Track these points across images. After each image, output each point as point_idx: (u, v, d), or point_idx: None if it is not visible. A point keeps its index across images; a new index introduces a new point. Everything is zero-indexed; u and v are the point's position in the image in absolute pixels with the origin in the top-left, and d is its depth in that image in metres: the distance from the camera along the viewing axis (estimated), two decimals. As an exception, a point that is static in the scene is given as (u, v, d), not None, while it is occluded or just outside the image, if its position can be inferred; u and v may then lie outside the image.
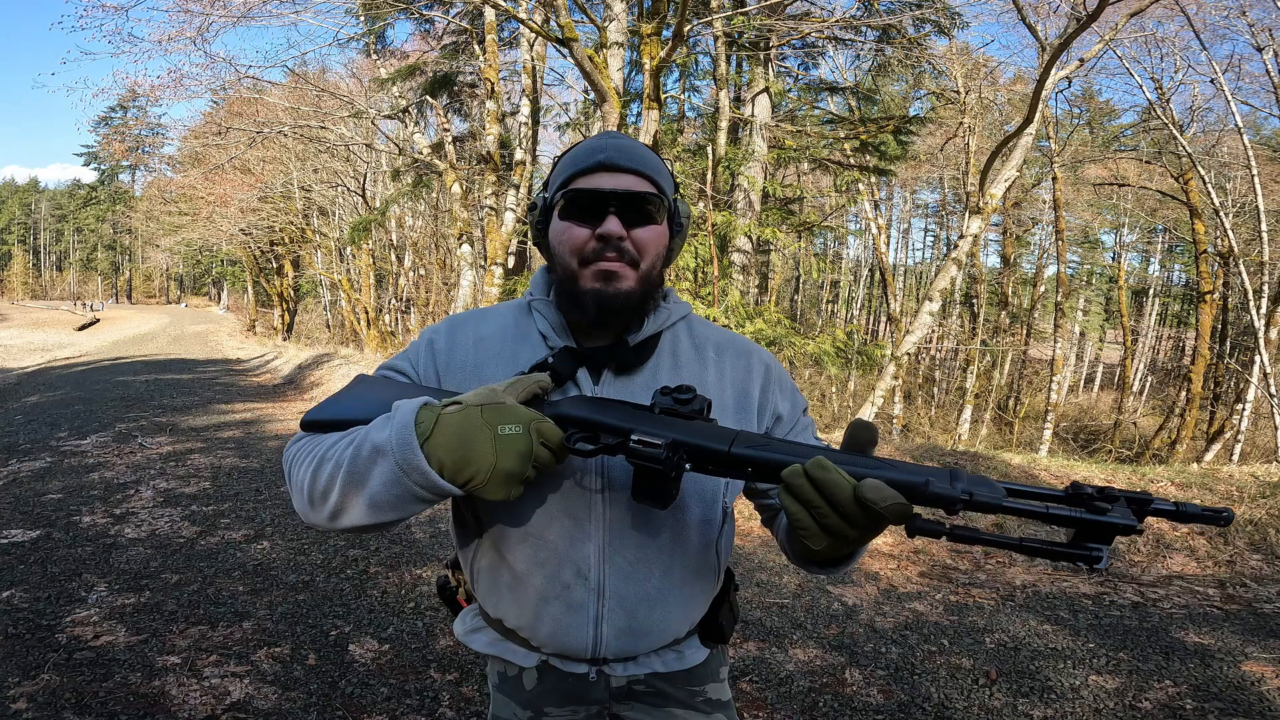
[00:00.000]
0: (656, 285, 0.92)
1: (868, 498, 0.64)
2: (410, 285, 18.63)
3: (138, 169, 50.92)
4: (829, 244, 28.82)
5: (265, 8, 8.28)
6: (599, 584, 0.89)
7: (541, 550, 0.89)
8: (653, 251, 0.88)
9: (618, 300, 0.86)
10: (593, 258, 0.85)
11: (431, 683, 2.47)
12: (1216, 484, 4.53)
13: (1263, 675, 2.60)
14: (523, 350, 0.94)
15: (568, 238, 0.87)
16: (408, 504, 0.74)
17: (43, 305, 46.58)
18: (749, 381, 0.97)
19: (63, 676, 2.37)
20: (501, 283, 8.94)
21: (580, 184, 0.86)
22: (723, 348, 0.99)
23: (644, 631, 0.92)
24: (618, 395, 0.90)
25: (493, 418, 0.72)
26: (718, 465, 0.74)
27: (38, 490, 4.59)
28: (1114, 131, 18.08)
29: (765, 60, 9.26)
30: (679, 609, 0.94)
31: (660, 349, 0.95)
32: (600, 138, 0.89)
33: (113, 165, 54.70)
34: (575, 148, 0.91)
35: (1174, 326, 28.73)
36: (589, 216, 0.85)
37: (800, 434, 1.00)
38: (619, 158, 0.86)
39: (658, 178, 0.88)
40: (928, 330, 10.11)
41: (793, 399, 1.00)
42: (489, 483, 0.72)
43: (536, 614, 0.91)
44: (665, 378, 0.93)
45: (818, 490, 0.67)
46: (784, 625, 3.00)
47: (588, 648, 0.91)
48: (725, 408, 0.95)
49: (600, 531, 0.89)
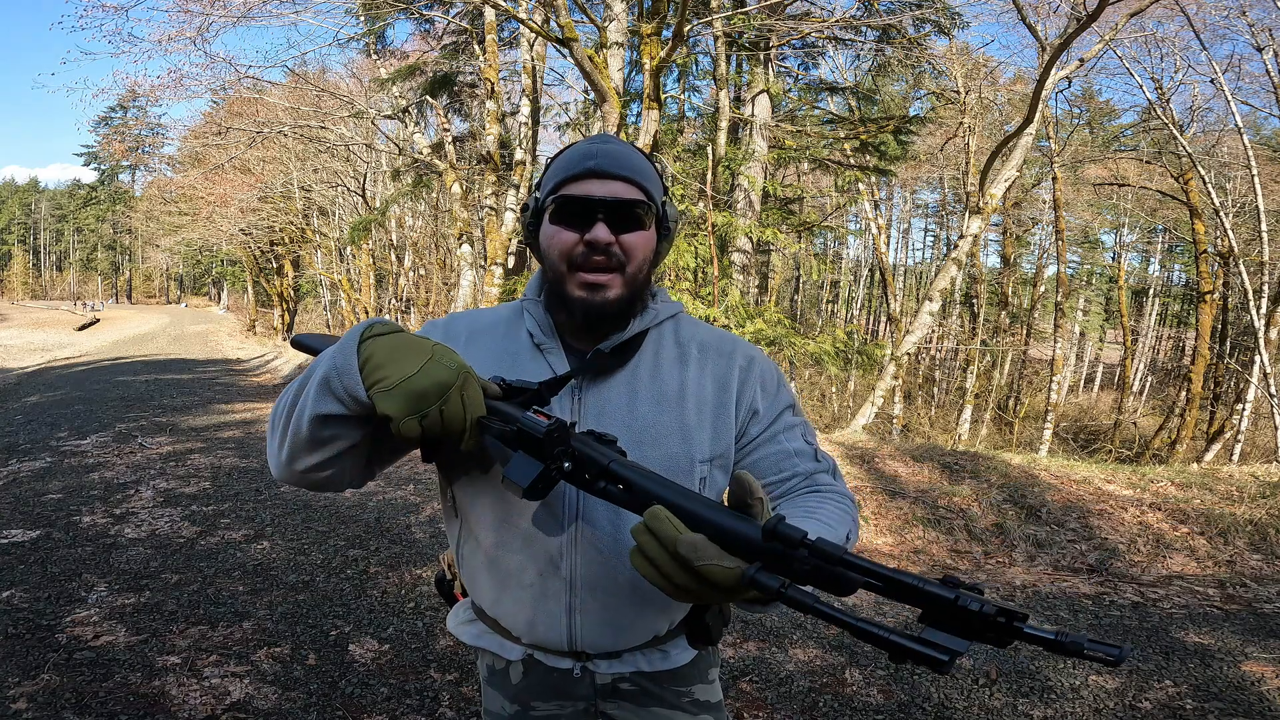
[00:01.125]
0: (643, 288, 0.93)
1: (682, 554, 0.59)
2: (410, 285, 18.64)
3: (138, 169, 50.90)
4: (829, 244, 28.82)
5: (265, 8, 8.29)
6: (570, 574, 0.90)
7: (515, 537, 0.91)
8: (640, 256, 0.89)
9: (604, 308, 0.88)
10: (581, 263, 0.87)
11: (431, 683, 2.47)
12: (1216, 484, 4.53)
13: (1263, 675, 2.60)
14: (511, 348, 0.96)
15: (557, 242, 0.88)
16: (327, 402, 0.74)
17: (43, 305, 46.59)
18: (728, 376, 0.96)
19: (63, 676, 2.37)
20: (501, 283, 8.94)
21: (570, 190, 0.88)
22: (706, 346, 0.99)
23: (620, 626, 0.92)
24: (596, 396, 0.92)
25: (439, 352, 0.73)
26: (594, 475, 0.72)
27: (38, 490, 4.59)
28: (1114, 131, 18.09)
29: (765, 60, 9.26)
30: (654, 605, 0.93)
31: (643, 348, 0.95)
32: (591, 142, 0.90)
33: (113, 165, 54.68)
34: (567, 151, 0.92)
35: (1174, 326, 28.74)
36: (578, 222, 0.87)
37: (783, 434, 0.97)
38: (609, 164, 0.87)
39: (646, 183, 0.90)
40: (928, 330, 10.12)
41: (775, 396, 0.98)
42: (395, 390, 0.70)
43: (514, 602, 0.93)
44: (645, 376, 0.94)
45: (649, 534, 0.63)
46: (784, 625, 3.00)
47: (564, 639, 0.92)
48: (705, 404, 0.94)
49: (573, 520, 0.89)
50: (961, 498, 4.51)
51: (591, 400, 0.92)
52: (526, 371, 0.92)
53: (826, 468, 0.97)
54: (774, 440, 0.96)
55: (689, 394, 0.94)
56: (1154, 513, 4.28)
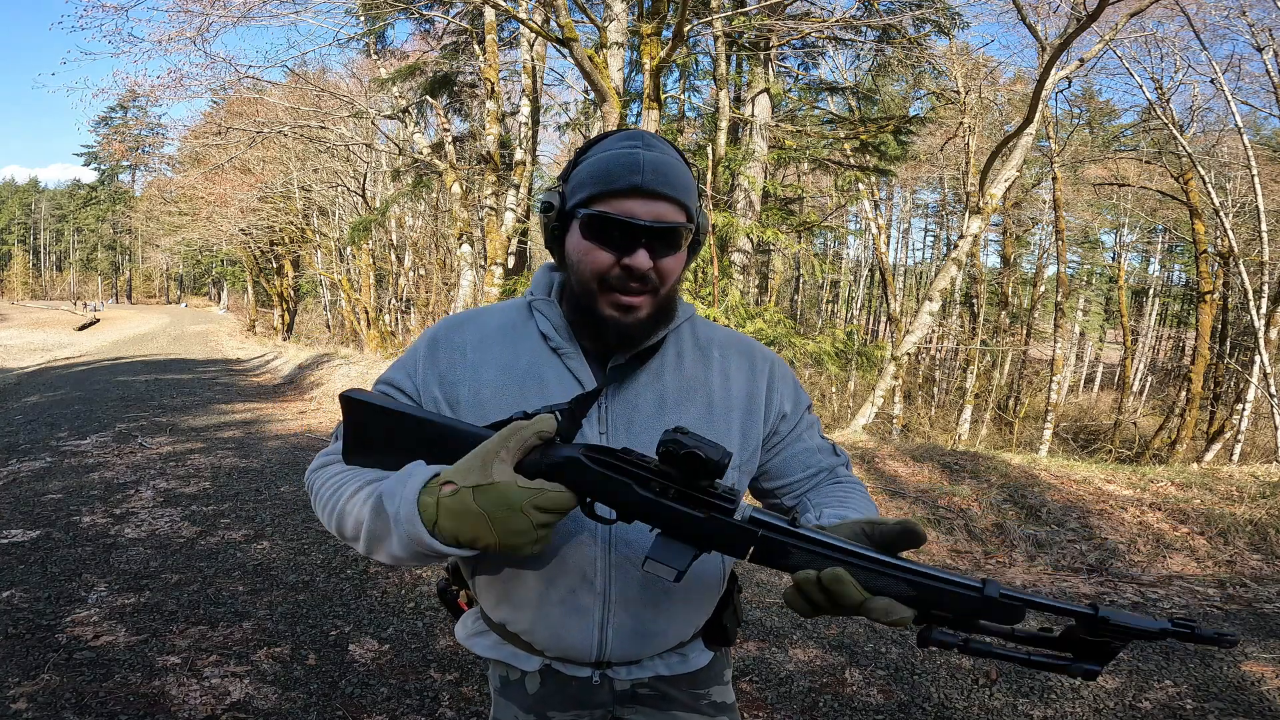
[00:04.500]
0: (671, 303, 0.91)
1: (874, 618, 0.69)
2: (410, 285, 18.64)
3: (138, 169, 50.91)
4: (829, 244, 28.81)
5: (265, 8, 8.29)
6: (605, 588, 0.88)
7: (546, 555, 0.88)
8: (674, 278, 0.87)
9: (636, 329, 0.86)
10: (616, 286, 0.83)
11: (431, 683, 2.47)
12: (1216, 484, 4.53)
13: (1263, 675, 2.60)
14: (522, 350, 0.93)
15: (590, 260, 0.83)
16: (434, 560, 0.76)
17: (43, 305, 46.60)
18: (755, 382, 0.97)
19: (63, 676, 2.37)
20: (501, 283, 8.95)
21: (610, 207, 0.81)
22: (726, 347, 0.99)
23: (649, 634, 0.91)
24: (624, 405, 0.90)
25: (485, 502, 0.70)
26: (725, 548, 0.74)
27: (38, 490, 4.59)
28: (1114, 131, 18.08)
29: (765, 60, 9.26)
30: (684, 612, 0.93)
31: (664, 349, 0.94)
32: (635, 146, 0.83)
33: (113, 165, 54.67)
34: (607, 151, 0.84)
35: (1174, 326, 28.72)
36: (616, 244, 0.82)
37: (805, 432, 1.00)
38: (655, 182, 0.81)
39: (689, 201, 0.85)
40: (928, 330, 10.11)
41: (795, 396, 1.01)
42: (502, 549, 0.72)
43: (542, 619, 0.90)
44: (670, 381, 0.93)
45: (825, 594, 0.70)
46: (784, 625, 3.00)
47: (592, 651, 0.90)
48: (733, 408, 0.94)
49: (605, 536, 0.88)
50: (961, 498, 4.51)
51: (620, 410, 0.90)
52: (547, 378, 0.90)
53: (844, 461, 1.02)
54: (799, 439, 0.99)
55: (715, 398, 0.94)
56: (1154, 513, 4.28)
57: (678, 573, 0.72)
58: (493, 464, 0.72)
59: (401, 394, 0.94)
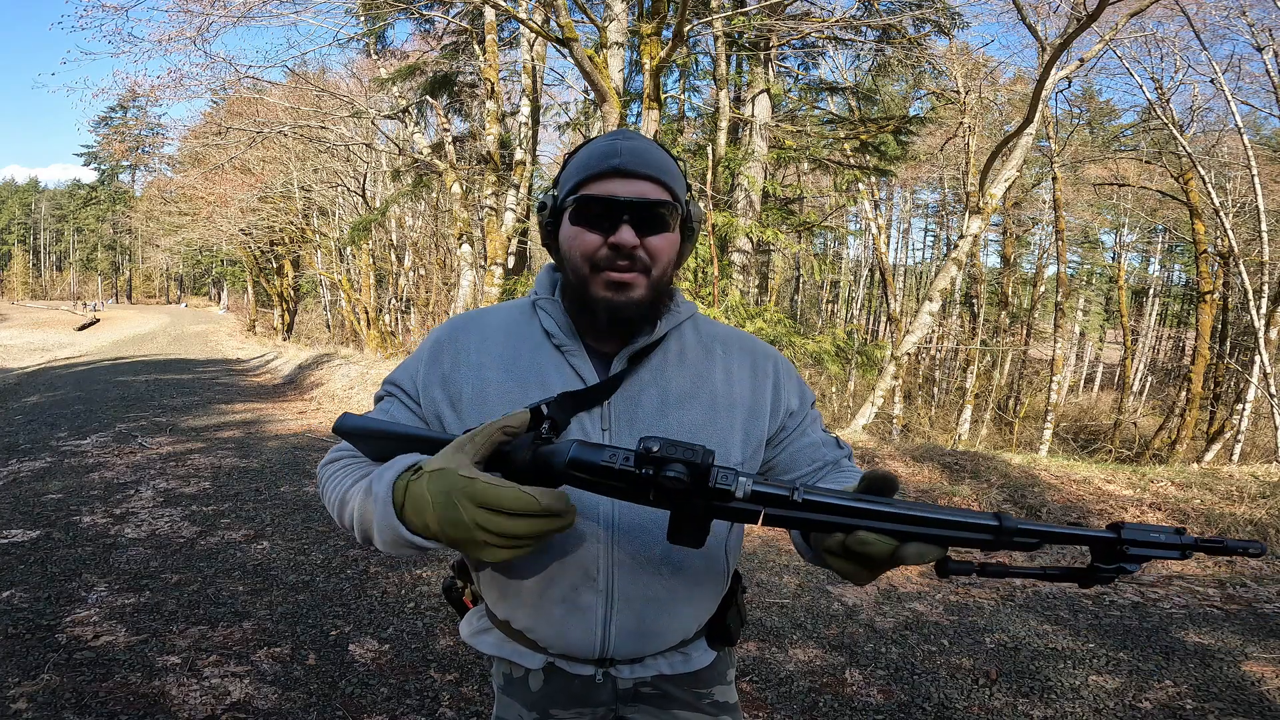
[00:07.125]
0: (667, 289, 0.91)
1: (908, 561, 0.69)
2: (410, 285, 18.64)
3: (138, 169, 50.93)
4: (829, 244, 28.79)
5: (265, 8, 8.29)
6: (607, 586, 0.88)
7: (549, 552, 0.88)
8: (665, 258, 0.87)
9: (629, 309, 0.86)
10: (604, 265, 0.84)
11: (431, 683, 2.47)
12: (1216, 484, 4.53)
13: (1263, 675, 2.60)
14: (525, 349, 0.93)
15: (579, 244, 0.85)
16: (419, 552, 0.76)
17: (43, 305, 46.61)
18: (761, 380, 0.97)
19: (63, 676, 2.37)
20: (501, 283, 8.95)
21: (593, 189, 0.84)
22: (729, 344, 0.99)
23: (653, 633, 0.92)
24: (626, 403, 0.90)
25: (433, 487, 0.69)
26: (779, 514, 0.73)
27: (38, 490, 4.59)
28: (1114, 131, 18.08)
29: (765, 60, 9.27)
30: (688, 610, 0.93)
31: (667, 346, 0.94)
32: (613, 139, 0.87)
33: (113, 165, 54.72)
34: (588, 146, 0.89)
35: (1174, 326, 28.74)
36: (601, 223, 0.84)
37: (810, 427, 1.01)
38: (633, 163, 0.84)
39: (672, 183, 0.87)
40: (928, 330, 10.12)
41: (800, 393, 1.02)
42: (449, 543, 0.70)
43: (545, 616, 0.90)
44: (673, 378, 0.92)
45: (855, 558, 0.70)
46: (784, 625, 3.00)
47: (594, 649, 0.90)
48: (736, 406, 0.94)
49: (608, 533, 0.88)
50: (962, 498, 4.52)
51: (621, 407, 0.90)
52: (549, 376, 0.91)
53: (847, 453, 1.03)
54: (805, 434, 1.00)
55: (718, 396, 0.94)
56: (1154, 512, 4.28)
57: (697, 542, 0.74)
58: (454, 452, 0.72)
59: (403, 395, 0.95)
